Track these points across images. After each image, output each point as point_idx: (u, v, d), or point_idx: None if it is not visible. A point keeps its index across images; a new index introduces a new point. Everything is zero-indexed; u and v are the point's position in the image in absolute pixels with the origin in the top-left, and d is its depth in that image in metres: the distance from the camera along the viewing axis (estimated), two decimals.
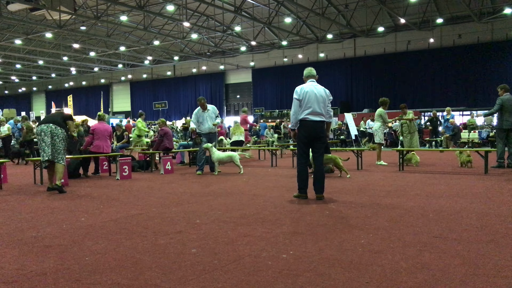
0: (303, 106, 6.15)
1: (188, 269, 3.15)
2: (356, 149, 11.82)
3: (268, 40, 34.48)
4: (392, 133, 22.45)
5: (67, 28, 27.16)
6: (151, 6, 26.43)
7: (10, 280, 2.96)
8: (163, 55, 39.39)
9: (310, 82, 6.45)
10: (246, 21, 30.20)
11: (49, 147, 7.33)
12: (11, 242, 4.01)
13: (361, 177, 8.83)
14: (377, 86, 33.23)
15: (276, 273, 3.03)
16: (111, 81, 49.04)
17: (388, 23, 30.23)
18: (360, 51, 33.99)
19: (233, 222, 4.71)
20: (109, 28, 29.95)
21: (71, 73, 46.15)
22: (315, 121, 6.12)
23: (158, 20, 30.00)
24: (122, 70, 44.26)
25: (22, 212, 5.54)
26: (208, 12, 29.07)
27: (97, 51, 36.13)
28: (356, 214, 5.00)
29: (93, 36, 31.23)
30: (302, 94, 6.18)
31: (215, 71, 40.86)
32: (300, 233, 4.16)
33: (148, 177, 9.77)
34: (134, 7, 24.16)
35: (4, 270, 3.18)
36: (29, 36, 30.10)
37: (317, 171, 6.25)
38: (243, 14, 27.04)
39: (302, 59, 36.07)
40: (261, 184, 7.97)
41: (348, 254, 3.45)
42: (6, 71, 44.38)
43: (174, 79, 44.50)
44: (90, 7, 26.13)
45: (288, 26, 30.10)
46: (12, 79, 50.09)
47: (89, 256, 3.51)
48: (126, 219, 4.98)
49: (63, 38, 33.18)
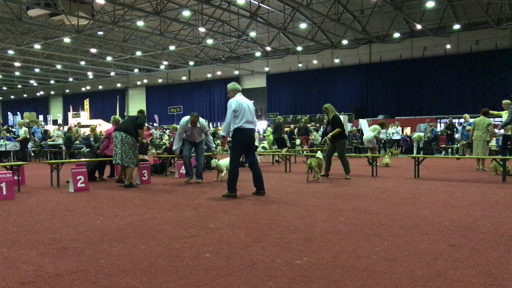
0: (239, 117, 6.93)
1: (202, 273, 3.16)
2: (371, 155, 11.73)
3: (283, 46, 34.53)
4: (407, 140, 22.24)
5: (84, 33, 27.59)
6: (167, 12, 26.70)
7: (27, 281, 3.00)
8: (178, 60, 39.72)
9: (239, 96, 7.18)
10: (261, 27, 30.32)
11: (119, 152, 8.60)
12: (28, 243, 4.07)
13: (375, 184, 8.76)
14: (392, 93, 33.02)
15: (290, 279, 3.02)
16: (127, 85, 49.60)
17: (404, 29, 30.04)
18: (376, 57, 33.82)
19: (247, 227, 4.71)
20: (125, 33, 30.33)
21: (88, 77, 46.79)
22: (249, 129, 7.02)
23: (174, 26, 30.29)
24: (138, 74, 44.72)
25: (39, 214, 5.62)
26: (223, 17, 29.27)
27: (113, 55, 36.59)
28: (371, 221, 4.96)
29: (110, 41, 31.66)
30: (238, 106, 6.94)
31: (230, 76, 41.04)
32: (314, 239, 4.14)
33: (162, 181, 9.84)
34: (150, 13, 24.44)
35: (21, 271, 3.23)
36: (48, 40, 30.64)
37: (256, 172, 7.13)
38: (258, 20, 27.15)
39: (317, 64, 36.04)
40: (275, 190, 7.96)
41: (362, 261, 3.43)
42: (25, 75, 45.21)
43: (189, 84, 44.82)
44: (107, 12, 26.50)
45: (303, 31, 30.12)
46: (31, 83, 50.98)
47: (105, 258, 3.55)
48: (141, 222, 5.02)
49: (81, 43, 33.72)
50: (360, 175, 10.76)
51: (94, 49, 32.97)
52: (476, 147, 11.54)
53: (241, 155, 7.25)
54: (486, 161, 11.87)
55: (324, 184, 8.87)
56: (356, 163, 15.06)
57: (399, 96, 32.75)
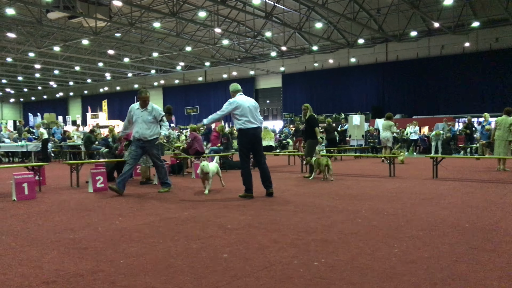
0: (241, 117, 6.96)
1: (220, 274, 3.18)
2: (388, 155, 11.63)
3: (299, 45, 34.44)
4: (425, 140, 21.97)
5: (102, 35, 27.94)
6: (183, 13, 26.87)
7: (49, 281, 3.06)
8: (194, 61, 39.94)
9: (240, 96, 7.22)
10: (277, 27, 30.28)
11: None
12: (50, 243, 4.15)
13: (393, 184, 8.68)
14: (409, 92, 32.64)
15: (308, 281, 3.02)
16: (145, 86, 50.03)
17: (421, 27, 29.66)
18: (392, 56, 33.49)
19: (264, 228, 4.71)
20: (142, 34, 30.62)
21: (106, 78, 47.38)
22: (252, 128, 7.00)
23: (190, 27, 30.47)
24: (155, 75, 45.11)
25: (60, 214, 5.72)
26: (239, 18, 29.32)
27: (131, 57, 36.97)
28: (389, 223, 4.92)
29: (127, 43, 31.99)
30: (238, 106, 6.98)
31: (245, 77, 41.09)
32: (332, 240, 4.12)
33: (180, 181, 9.91)
34: (167, 14, 24.63)
35: (44, 270, 3.29)
36: (67, 43, 31.13)
37: (264, 171, 7.10)
38: (273, 20, 27.13)
39: (333, 64, 35.84)
40: (291, 190, 7.95)
41: (381, 263, 3.40)
42: (45, 77, 45.99)
43: (205, 84, 45.03)
44: (124, 14, 26.80)
45: (319, 31, 29.99)
46: (51, 85, 51.83)
47: (124, 259, 3.59)
48: (159, 222, 5.07)
49: (99, 44, 34.15)
50: (377, 175, 10.67)
51: (111, 51, 33.36)
52: (497, 146, 11.35)
53: (249, 154, 7.21)
54: (507, 161, 11.66)
55: (341, 185, 8.82)
56: (373, 163, 14.95)
57: (417, 95, 32.34)
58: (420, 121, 23.73)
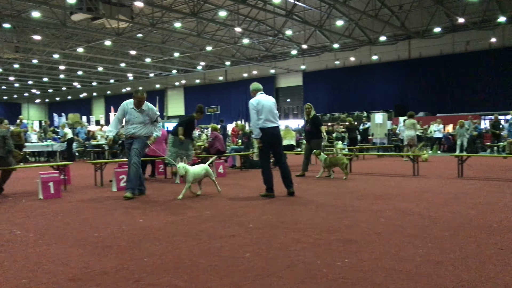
0: (261, 116, 6.95)
1: (242, 273, 3.18)
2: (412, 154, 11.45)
3: (320, 43, 34.20)
4: (449, 138, 21.55)
5: (124, 36, 28.32)
6: (204, 13, 27.00)
7: (76, 278, 3.12)
8: (215, 60, 40.11)
9: (260, 95, 7.19)
10: (297, 25, 30.13)
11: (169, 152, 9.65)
12: (75, 241, 4.22)
13: (417, 184, 8.54)
14: (433, 89, 32.03)
15: (331, 281, 3.00)
16: (166, 86, 50.56)
17: (445, 23, 29.08)
18: (415, 53, 32.94)
19: (286, 227, 4.70)
20: (164, 35, 30.90)
21: (128, 78, 48.00)
22: (272, 127, 7.01)
23: (210, 26, 30.60)
24: (176, 75, 45.49)
25: (85, 213, 5.82)
26: (259, 16, 29.29)
27: (152, 57, 37.36)
28: (414, 223, 4.84)
29: (149, 43, 32.33)
30: (259, 106, 6.97)
31: (266, 75, 41.04)
32: (355, 240, 4.08)
33: None
34: (187, 14, 24.79)
35: (70, 268, 3.35)
36: (90, 44, 31.65)
37: (284, 170, 7.08)
38: (294, 18, 27.01)
39: (355, 61, 35.48)
40: (312, 190, 7.91)
41: (405, 264, 3.35)
42: (69, 78, 46.89)
43: (225, 84, 45.18)
44: (146, 15, 27.08)
45: (340, 28, 29.72)
46: (75, 85, 52.83)
47: (147, 257, 3.63)
48: (182, 221, 5.11)
49: (121, 45, 34.62)
50: (401, 174, 10.52)
51: (133, 51, 33.78)
52: None
53: (269, 154, 7.23)
54: None
55: (364, 184, 8.73)
56: (396, 162, 14.75)
57: (440, 93, 31.71)
58: (444, 119, 23.29)
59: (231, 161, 13.80)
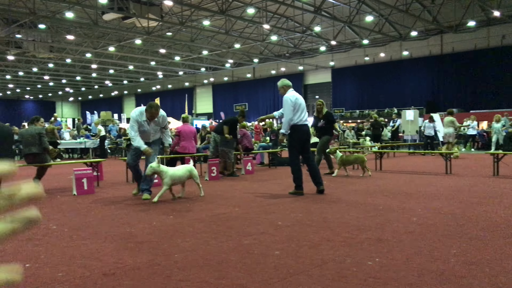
0: (296, 113, 6.94)
1: (272, 271, 3.18)
2: (445, 152, 11.18)
3: (349, 39, 33.78)
4: (484, 135, 20.92)
5: (154, 35, 28.72)
6: (232, 10, 27.10)
7: (109, 273, 3.19)
8: (243, 57, 40.21)
9: (293, 91, 7.17)
10: (326, 21, 29.86)
11: (212, 149, 10.38)
12: (108, 236, 4.32)
13: (450, 182, 8.33)
14: (466, 85, 31.15)
15: (362, 280, 2.96)
16: (195, 84, 51.04)
17: (480, 17, 28.19)
18: (448, 48, 32.10)
19: (315, 225, 4.67)
20: (193, 33, 31.19)
21: (158, 77, 48.72)
22: (305, 125, 7.06)
23: (238, 24, 30.68)
24: (205, 73, 45.86)
25: (117, 209, 5.95)
26: (287, 13, 29.17)
27: (181, 55, 37.78)
28: (447, 222, 4.72)
29: (178, 41, 32.70)
30: (295, 102, 6.95)
31: (294, 72, 40.87)
32: (386, 239, 4.02)
33: (229, 177, 10.02)
34: (216, 12, 24.94)
35: (103, 263, 3.43)
36: (121, 43, 32.28)
37: (313, 168, 7.06)
38: (323, 14, 26.77)
39: (385, 57, 34.88)
40: (342, 188, 7.83)
41: (438, 264, 3.27)
42: (101, 76, 47.98)
43: (253, 81, 45.23)
44: (175, 14, 27.39)
45: (369, 24, 29.27)
46: (106, 83, 54.01)
47: (178, 253, 3.68)
48: (211, 218, 5.15)
49: (151, 44, 35.16)
50: (433, 172, 10.29)
51: (163, 50, 34.24)
52: None
53: (299, 151, 7.19)
54: None
55: (395, 182, 8.59)
56: (428, 160, 14.44)
57: (474, 89, 30.80)
58: (478, 115, 22.62)
59: (259, 158, 13.82)
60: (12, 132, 8.28)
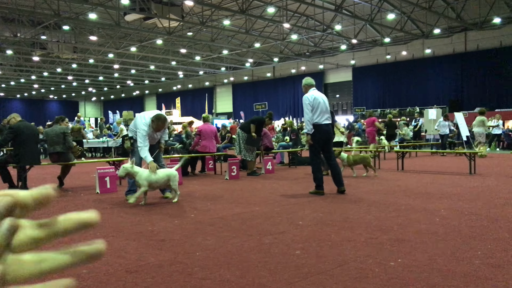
0: (315, 112, 6.95)
1: (293, 270, 3.18)
2: (469, 151, 10.98)
3: (370, 38, 33.41)
4: (509, 134, 20.43)
5: (175, 35, 28.97)
6: (252, 10, 27.12)
7: (132, 270, 3.24)
8: (263, 57, 40.20)
9: (313, 90, 7.16)
10: (347, 19, 29.61)
11: (237, 146, 10.42)
12: (131, 234, 4.39)
13: (474, 182, 8.18)
14: (491, 83, 30.46)
15: (384, 281, 2.94)
16: (215, 83, 51.28)
17: (506, 13, 27.53)
18: (472, 46, 31.44)
19: (336, 225, 4.65)
20: (213, 32, 31.35)
21: (179, 76, 49.11)
22: (325, 124, 6.98)
23: (259, 23, 30.69)
24: (225, 73, 46.02)
25: (139, 207, 6.02)
26: (308, 12, 29.05)
27: (202, 55, 38.01)
28: (471, 223, 4.64)
29: (199, 41, 32.91)
30: (313, 101, 6.97)
31: (314, 71, 40.65)
32: (408, 240, 3.97)
33: (250, 176, 10.04)
34: (236, 12, 25.00)
35: (126, 260, 3.49)
36: (142, 43, 32.65)
37: (334, 168, 7.01)
38: (343, 12, 26.55)
39: (407, 56, 34.39)
40: (363, 188, 7.76)
41: (462, 265, 3.22)
42: (123, 76, 48.65)
43: (273, 80, 45.18)
44: (196, 13, 27.57)
45: (391, 22, 28.89)
46: (128, 83, 54.74)
47: (200, 251, 3.71)
48: (232, 217, 5.18)
49: (172, 44, 35.47)
50: (456, 172, 10.11)
51: (184, 50, 34.50)
52: None
53: (320, 151, 7.16)
54: None
55: (417, 182, 8.47)
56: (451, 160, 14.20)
57: (499, 87, 30.08)
58: (503, 114, 22.10)
59: (279, 157, 13.81)
60: (38, 131, 8.48)
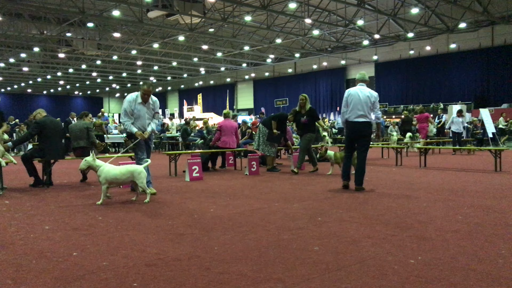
0: (348, 109, 6.95)
1: (311, 266, 3.17)
2: (494, 148, 10.71)
3: (393, 33, 32.90)
4: None
5: (197, 31, 29.12)
6: (274, 5, 27.02)
7: (151, 263, 3.28)
8: (284, 53, 40.05)
9: (358, 86, 7.12)
10: (369, 14, 29.21)
11: (257, 141, 10.30)
12: (151, 228, 4.44)
13: (500, 180, 7.98)
14: None
15: (404, 278, 2.89)
16: (236, 79, 51.39)
17: None
18: (499, 40, 30.62)
19: (356, 222, 4.60)
20: (234, 29, 31.37)
21: (201, 73, 49.40)
22: (357, 122, 6.85)
23: (280, 19, 30.57)
24: (246, 69, 46.06)
25: (160, 202, 6.10)
26: (330, 7, 28.77)
27: (223, 51, 38.11)
28: (495, 221, 4.53)
29: (220, 37, 32.99)
30: (348, 98, 6.99)
31: (336, 67, 40.31)
32: (429, 238, 3.90)
33: (269, 172, 10.03)
34: (258, 7, 24.95)
35: (146, 254, 3.53)
36: (165, 40, 32.94)
37: (359, 166, 6.89)
38: (366, 7, 26.20)
39: (431, 51, 33.74)
40: (383, 184, 7.66)
41: (485, 264, 3.15)
42: (145, 73, 49.22)
43: (294, 76, 44.99)
44: (217, 10, 27.64)
45: (414, 16, 28.37)
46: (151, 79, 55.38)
47: (218, 246, 3.73)
48: (251, 212, 5.18)
49: (194, 40, 35.66)
50: (480, 169, 9.88)
51: (205, 46, 34.66)
52: None
53: (350, 147, 7.12)
54: None
55: (440, 179, 8.31)
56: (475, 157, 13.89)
57: None
58: None
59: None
60: (62, 127, 8.66)
